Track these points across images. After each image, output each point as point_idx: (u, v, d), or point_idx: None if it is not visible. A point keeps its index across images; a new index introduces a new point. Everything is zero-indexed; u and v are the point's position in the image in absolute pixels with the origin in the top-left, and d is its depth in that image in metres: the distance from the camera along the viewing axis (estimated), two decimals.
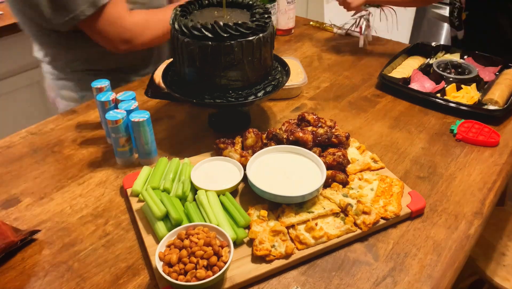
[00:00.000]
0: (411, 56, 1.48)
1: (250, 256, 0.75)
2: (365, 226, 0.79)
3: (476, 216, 0.85)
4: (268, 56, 0.98)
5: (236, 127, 1.08)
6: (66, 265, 0.76)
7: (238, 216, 0.79)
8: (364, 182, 0.90)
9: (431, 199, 0.90)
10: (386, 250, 0.78)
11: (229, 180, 0.87)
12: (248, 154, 0.92)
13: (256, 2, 1.00)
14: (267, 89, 0.99)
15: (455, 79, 1.27)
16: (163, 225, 0.78)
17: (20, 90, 2.03)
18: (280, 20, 1.66)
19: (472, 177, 0.95)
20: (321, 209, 0.82)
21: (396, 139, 1.08)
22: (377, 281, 0.73)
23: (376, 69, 1.41)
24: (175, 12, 0.96)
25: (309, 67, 1.45)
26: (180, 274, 0.68)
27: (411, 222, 0.84)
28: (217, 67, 0.92)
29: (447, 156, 1.02)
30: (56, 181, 0.95)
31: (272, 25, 0.97)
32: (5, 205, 0.89)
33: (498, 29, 1.47)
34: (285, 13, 1.64)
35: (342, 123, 1.14)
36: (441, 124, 1.14)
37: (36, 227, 0.83)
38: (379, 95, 1.28)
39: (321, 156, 0.93)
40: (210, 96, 0.95)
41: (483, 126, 1.09)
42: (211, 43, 0.89)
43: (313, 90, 1.31)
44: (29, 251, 0.79)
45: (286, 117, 1.17)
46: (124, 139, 0.95)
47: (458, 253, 0.78)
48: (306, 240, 0.77)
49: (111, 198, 0.91)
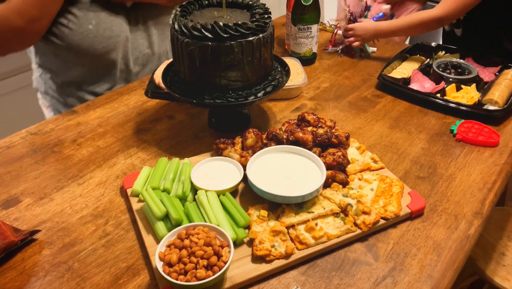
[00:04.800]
0: (411, 57, 1.48)
1: (250, 256, 0.75)
2: (365, 226, 0.79)
3: (476, 216, 0.86)
4: (268, 57, 0.98)
5: (236, 128, 1.08)
6: (66, 265, 0.76)
7: (238, 216, 0.79)
8: (364, 182, 0.90)
9: (431, 199, 0.90)
10: (386, 250, 0.78)
11: (229, 180, 0.87)
12: (248, 154, 0.92)
13: (256, 2, 1.01)
14: (267, 90, 0.99)
15: (455, 80, 1.27)
16: (163, 225, 0.78)
17: (20, 91, 2.03)
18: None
19: (472, 177, 0.95)
20: (321, 209, 0.82)
21: (396, 139, 1.08)
22: (377, 281, 0.73)
23: (376, 69, 1.41)
24: (175, 12, 0.96)
25: (309, 68, 1.45)
26: (180, 274, 0.68)
27: (411, 222, 0.84)
28: (217, 68, 0.92)
29: (447, 156, 1.02)
30: (56, 181, 0.95)
31: (272, 25, 0.97)
32: (5, 205, 0.89)
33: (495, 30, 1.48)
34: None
35: (342, 124, 1.14)
36: (441, 125, 1.14)
37: (36, 227, 0.83)
38: (379, 95, 1.28)
39: (321, 156, 0.93)
40: (210, 97, 0.95)
41: (483, 127, 1.09)
42: (211, 43, 0.89)
43: (313, 90, 1.31)
44: (29, 251, 0.79)
45: (286, 117, 1.17)
46: None
47: (458, 253, 0.78)
48: (306, 240, 0.77)
49: (111, 198, 0.91)
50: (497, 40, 1.51)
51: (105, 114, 1.19)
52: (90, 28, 1.17)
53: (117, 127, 1.14)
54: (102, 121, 1.16)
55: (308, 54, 1.45)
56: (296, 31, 1.41)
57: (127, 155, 1.03)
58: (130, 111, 1.21)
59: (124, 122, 1.16)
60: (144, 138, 1.09)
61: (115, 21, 1.22)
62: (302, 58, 1.44)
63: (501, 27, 1.48)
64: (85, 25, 1.16)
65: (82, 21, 1.16)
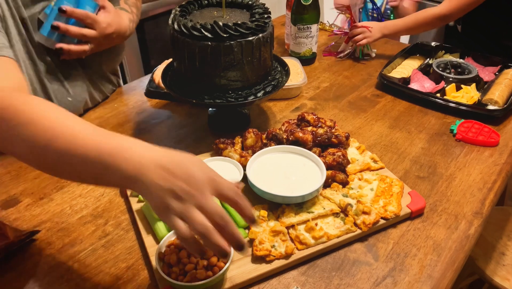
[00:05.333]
0: (410, 56, 1.48)
1: (250, 256, 0.75)
2: (365, 226, 0.79)
3: (476, 216, 0.85)
4: (267, 56, 0.98)
5: (236, 128, 1.08)
6: (66, 265, 0.76)
7: (238, 216, 0.79)
8: (364, 182, 0.90)
9: (431, 199, 0.90)
10: (386, 250, 0.78)
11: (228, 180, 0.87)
12: (248, 154, 0.92)
13: (256, 2, 1.00)
14: (266, 89, 0.99)
15: (455, 79, 1.27)
16: (163, 225, 0.78)
17: None
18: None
19: (472, 177, 0.95)
20: (321, 209, 0.82)
21: (396, 139, 1.08)
22: (377, 281, 0.73)
23: (375, 69, 1.41)
24: (174, 12, 0.96)
25: (309, 67, 1.45)
26: (180, 275, 0.68)
27: (411, 222, 0.84)
28: (217, 68, 0.92)
29: (447, 155, 1.02)
30: (56, 181, 0.95)
31: (271, 25, 0.97)
32: (4, 205, 0.89)
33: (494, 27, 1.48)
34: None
35: (342, 123, 1.14)
36: (441, 124, 1.14)
37: (36, 227, 0.83)
38: (379, 95, 1.28)
39: (321, 156, 0.93)
40: (209, 97, 0.95)
41: (482, 126, 1.09)
42: (210, 43, 0.89)
43: (313, 90, 1.31)
44: (29, 251, 0.79)
45: (286, 117, 1.17)
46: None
47: (458, 253, 0.78)
48: (306, 240, 0.76)
49: (111, 198, 0.91)
50: (497, 37, 1.51)
51: (104, 114, 1.19)
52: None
53: (117, 127, 1.14)
54: (101, 121, 1.16)
55: (308, 54, 1.45)
56: (296, 31, 1.41)
57: None
58: (130, 111, 1.21)
59: (123, 122, 1.16)
60: (144, 139, 1.06)
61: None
62: (302, 58, 1.44)
63: (500, 24, 1.48)
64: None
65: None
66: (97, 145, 0.57)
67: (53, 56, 1.01)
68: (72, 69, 1.08)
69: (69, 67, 1.07)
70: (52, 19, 0.96)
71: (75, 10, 0.96)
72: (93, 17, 0.99)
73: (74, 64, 1.08)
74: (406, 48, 1.48)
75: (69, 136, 0.59)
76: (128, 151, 0.57)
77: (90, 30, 0.99)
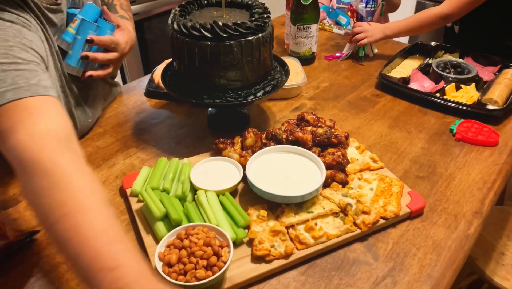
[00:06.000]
0: (410, 56, 1.48)
1: (249, 256, 0.75)
2: (365, 225, 0.79)
3: (476, 215, 0.85)
4: (267, 56, 0.98)
5: (236, 127, 1.08)
6: (65, 265, 0.76)
7: (237, 216, 0.79)
8: (364, 181, 0.90)
9: (431, 199, 0.90)
10: (386, 250, 0.78)
11: (228, 180, 0.87)
12: (247, 154, 0.92)
13: (256, 1, 1.00)
14: (266, 89, 0.99)
15: (455, 79, 1.27)
16: (163, 225, 0.78)
17: None
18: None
19: (471, 177, 0.95)
20: (321, 209, 0.82)
21: (395, 139, 1.08)
22: (377, 281, 0.73)
23: (375, 69, 1.41)
24: (174, 12, 0.96)
25: (309, 67, 1.45)
26: (179, 274, 0.68)
27: (411, 221, 0.84)
28: (216, 67, 0.92)
29: (446, 155, 1.02)
30: None
31: (271, 25, 0.97)
32: (4, 205, 0.89)
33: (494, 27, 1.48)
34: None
35: (342, 123, 1.14)
36: (440, 124, 1.14)
37: (36, 227, 0.83)
38: (379, 95, 1.28)
39: (321, 155, 0.93)
40: (209, 96, 0.95)
41: (482, 126, 1.09)
42: (210, 43, 0.89)
43: (313, 90, 1.31)
44: (29, 251, 0.79)
45: (286, 117, 1.17)
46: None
47: (457, 252, 0.78)
48: (305, 240, 0.76)
49: (111, 198, 0.90)
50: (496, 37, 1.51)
51: (104, 115, 1.19)
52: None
53: (117, 127, 1.14)
54: (101, 121, 1.16)
55: (307, 54, 1.45)
56: (296, 30, 1.41)
57: (127, 155, 1.03)
58: (130, 111, 1.21)
59: (123, 122, 1.16)
60: (143, 138, 1.09)
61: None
62: (302, 58, 1.44)
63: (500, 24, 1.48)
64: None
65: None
66: (102, 265, 0.55)
67: (77, 83, 1.02)
68: (90, 90, 1.09)
69: (88, 87, 1.08)
70: (79, 49, 0.96)
71: (102, 38, 0.97)
72: (116, 41, 1.00)
73: (91, 85, 1.09)
74: (405, 48, 1.48)
75: (81, 235, 0.56)
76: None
77: (113, 53, 1.01)
